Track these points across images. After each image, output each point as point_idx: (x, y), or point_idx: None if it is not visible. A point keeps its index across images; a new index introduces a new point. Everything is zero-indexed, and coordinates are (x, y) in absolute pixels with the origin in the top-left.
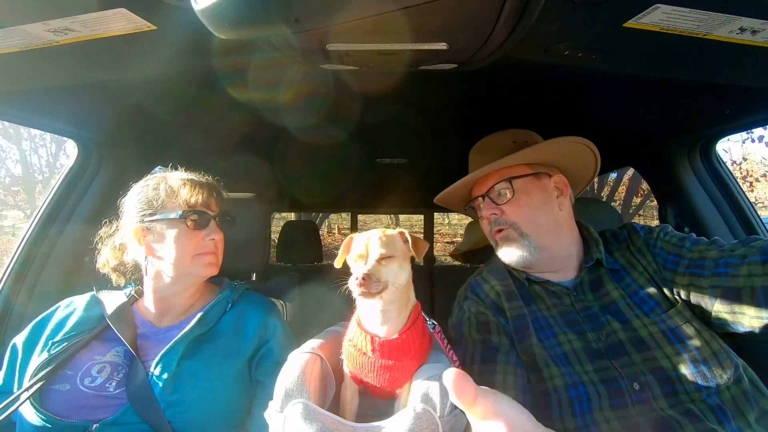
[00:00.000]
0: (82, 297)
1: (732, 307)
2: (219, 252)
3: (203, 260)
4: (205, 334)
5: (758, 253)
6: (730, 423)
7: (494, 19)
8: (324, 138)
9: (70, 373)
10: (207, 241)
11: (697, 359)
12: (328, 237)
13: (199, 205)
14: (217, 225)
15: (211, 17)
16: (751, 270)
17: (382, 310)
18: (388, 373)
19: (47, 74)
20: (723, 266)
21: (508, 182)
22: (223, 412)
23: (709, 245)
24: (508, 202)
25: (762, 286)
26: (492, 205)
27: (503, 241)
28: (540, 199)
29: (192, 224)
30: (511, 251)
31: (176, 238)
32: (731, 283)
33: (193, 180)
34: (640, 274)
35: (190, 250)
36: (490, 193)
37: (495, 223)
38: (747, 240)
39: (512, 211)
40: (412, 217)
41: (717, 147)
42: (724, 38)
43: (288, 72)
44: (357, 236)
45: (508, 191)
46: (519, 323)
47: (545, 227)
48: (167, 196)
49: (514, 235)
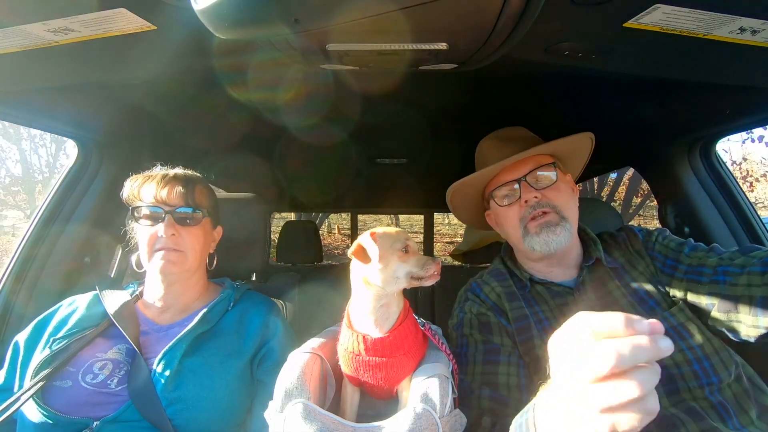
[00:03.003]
0: (84, 296)
1: (729, 315)
2: (188, 249)
3: (161, 255)
4: (207, 332)
5: (759, 264)
6: (732, 420)
7: (494, 19)
8: (324, 138)
9: (71, 370)
10: (159, 237)
11: (699, 357)
12: (328, 237)
13: (154, 200)
14: (175, 220)
15: (211, 17)
16: (750, 280)
17: (386, 305)
18: (383, 371)
19: (47, 74)
20: (722, 274)
21: (552, 166)
22: (224, 410)
23: (708, 252)
24: (551, 186)
25: (761, 297)
26: (533, 189)
27: (544, 226)
28: (570, 190)
29: (141, 219)
30: (552, 235)
31: (138, 235)
32: (729, 292)
33: (151, 175)
34: (640, 273)
35: (149, 245)
36: (528, 177)
37: (537, 206)
38: (747, 249)
39: (554, 195)
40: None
41: (717, 147)
42: (724, 38)
43: (288, 72)
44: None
45: (553, 175)
46: (521, 324)
47: (575, 216)
48: (130, 193)
49: (555, 219)
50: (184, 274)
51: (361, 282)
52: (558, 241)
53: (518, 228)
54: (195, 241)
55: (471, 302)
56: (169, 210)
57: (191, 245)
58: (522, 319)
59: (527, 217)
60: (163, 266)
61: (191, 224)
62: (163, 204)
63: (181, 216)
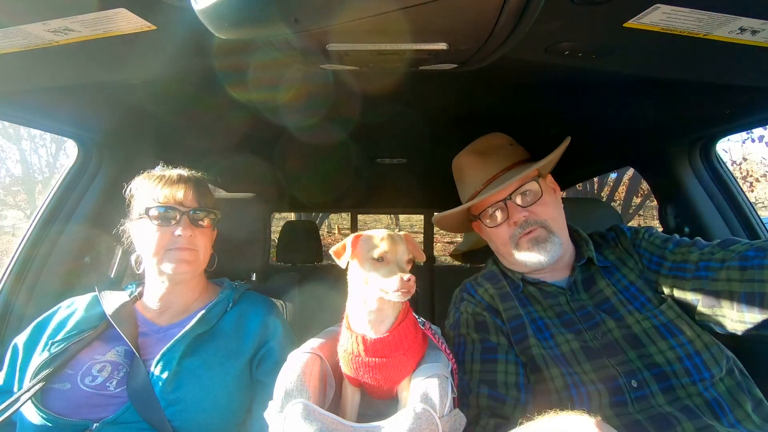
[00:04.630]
0: (83, 297)
1: (713, 309)
2: (200, 249)
3: (175, 256)
4: (206, 333)
5: (737, 259)
6: (727, 416)
7: (494, 19)
8: (324, 138)
9: (70, 372)
10: (176, 237)
11: (690, 352)
12: (328, 237)
13: (170, 200)
14: (190, 221)
15: (211, 17)
16: (729, 275)
17: (379, 310)
18: (382, 372)
19: (47, 74)
20: (703, 270)
21: (536, 182)
22: (223, 411)
23: (691, 247)
24: (538, 201)
25: (743, 293)
26: (519, 208)
27: (533, 243)
28: (554, 198)
29: (157, 220)
30: (542, 252)
31: (147, 234)
32: (711, 287)
33: (164, 176)
34: (630, 270)
35: (160, 245)
36: (514, 195)
37: (525, 225)
38: (726, 242)
39: (541, 210)
40: (412, 217)
41: (717, 147)
42: (724, 38)
43: (288, 72)
44: (368, 234)
45: (538, 189)
46: (515, 323)
47: (563, 224)
48: (139, 193)
49: (544, 235)
50: (193, 273)
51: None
52: (549, 256)
53: (509, 245)
54: (207, 241)
55: (466, 302)
56: (185, 211)
57: (203, 245)
58: (516, 319)
59: (517, 235)
60: (177, 266)
61: (203, 225)
62: (180, 205)
63: (196, 217)
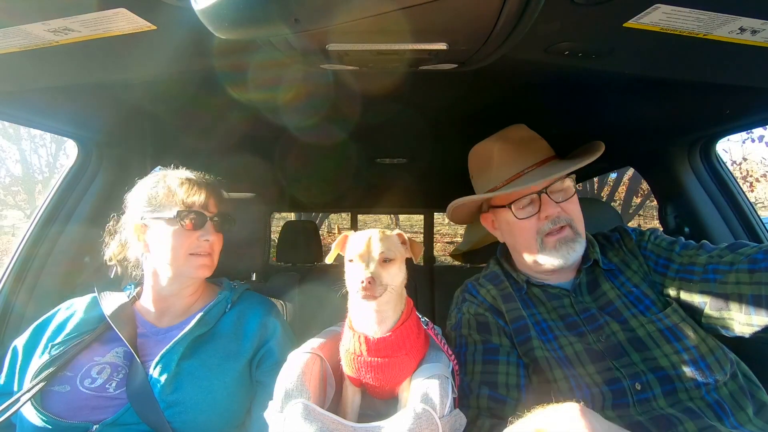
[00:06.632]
0: (82, 299)
1: (721, 312)
2: (215, 254)
3: (197, 261)
4: (205, 335)
5: (746, 262)
6: (729, 418)
7: (494, 19)
8: (324, 138)
9: (69, 375)
10: (202, 242)
11: (695, 357)
12: (328, 237)
13: (196, 205)
14: (214, 226)
15: (211, 17)
16: (738, 278)
17: (377, 311)
18: (385, 371)
19: (47, 74)
20: (712, 272)
21: (571, 178)
22: (222, 412)
23: (698, 249)
24: (570, 199)
25: (751, 295)
26: (553, 203)
27: (562, 242)
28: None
29: (188, 224)
30: (571, 251)
31: (172, 237)
32: (720, 290)
33: (191, 180)
34: (634, 273)
35: (184, 249)
36: (550, 190)
37: (557, 221)
38: (735, 246)
39: (572, 209)
40: (412, 217)
41: (717, 147)
42: (724, 38)
43: (288, 72)
44: (354, 235)
45: (571, 187)
46: (518, 325)
47: (583, 226)
48: (166, 194)
49: (572, 235)
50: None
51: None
52: (575, 256)
53: (534, 241)
54: (220, 246)
55: (468, 303)
56: (210, 216)
57: (217, 250)
58: (519, 320)
59: (544, 231)
60: (197, 271)
61: (224, 230)
62: (205, 210)
63: (219, 222)
